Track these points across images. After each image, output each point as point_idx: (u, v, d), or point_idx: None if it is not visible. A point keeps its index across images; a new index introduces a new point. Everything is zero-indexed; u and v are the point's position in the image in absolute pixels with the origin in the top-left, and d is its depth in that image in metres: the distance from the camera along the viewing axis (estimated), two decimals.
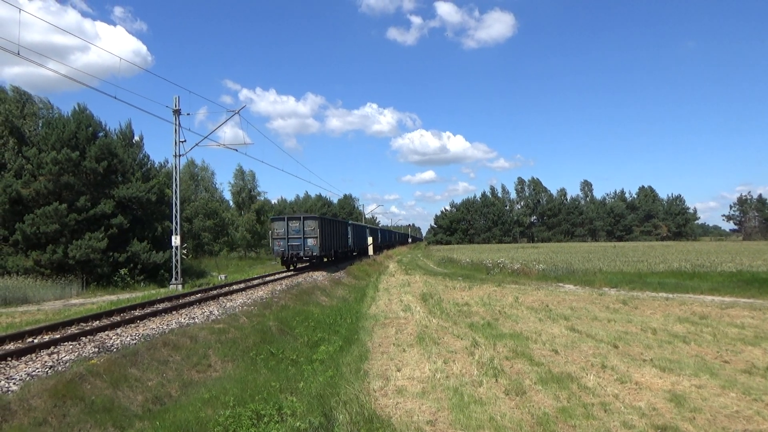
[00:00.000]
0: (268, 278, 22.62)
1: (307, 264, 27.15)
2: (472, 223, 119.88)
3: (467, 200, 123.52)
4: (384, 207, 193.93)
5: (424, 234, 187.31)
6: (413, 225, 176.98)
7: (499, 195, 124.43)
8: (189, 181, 49.66)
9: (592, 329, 10.95)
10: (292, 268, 26.89)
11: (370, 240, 43.28)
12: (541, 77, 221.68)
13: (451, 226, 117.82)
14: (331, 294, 19.57)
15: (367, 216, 79.13)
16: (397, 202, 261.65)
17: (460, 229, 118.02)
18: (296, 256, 25.18)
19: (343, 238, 33.24)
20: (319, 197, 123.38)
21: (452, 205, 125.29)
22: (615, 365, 7.95)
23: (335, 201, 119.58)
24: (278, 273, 25.39)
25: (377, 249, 49.15)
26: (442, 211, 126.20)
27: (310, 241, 25.03)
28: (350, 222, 39.39)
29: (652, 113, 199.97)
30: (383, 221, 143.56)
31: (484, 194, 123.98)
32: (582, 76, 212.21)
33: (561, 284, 21.49)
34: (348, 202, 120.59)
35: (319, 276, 23.55)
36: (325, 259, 28.53)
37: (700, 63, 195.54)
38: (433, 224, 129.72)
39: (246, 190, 52.62)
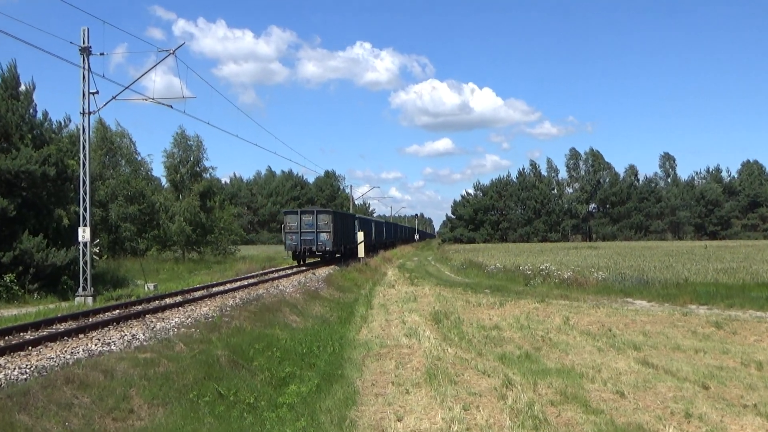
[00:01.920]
0: (215, 288, 22.68)
1: (318, 259, 34.95)
2: (506, 212, 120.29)
3: (498, 181, 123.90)
4: (381, 189, 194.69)
5: (436, 228, 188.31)
6: (421, 215, 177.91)
7: (544, 174, 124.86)
8: (101, 150, 49.31)
9: (672, 363, 11.01)
10: (302, 263, 34.66)
11: (360, 236, 43.60)
12: (604, 10, 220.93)
13: (476, 217, 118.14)
14: (305, 312, 19.64)
15: (357, 202, 79.34)
16: (398, 183, 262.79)
17: (489, 221, 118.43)
18: (309, 250, 33.20)
19: (351, 233, 41.47)
20: (289, 175, 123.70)
21: (477, 187, 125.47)
22: (704, 413, 8.00)
23: (311, 180, 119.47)
24: (230, 282, 25.54)
25: (370, 249, 49.45)
26: (462, 196, 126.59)
27: (324, 236, 32.70)
28: (357, 216, 49.28)
29: (759, 61, 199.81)
30: (379, 210, 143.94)
31: (522, 172, 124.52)
32: (661, 8, 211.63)
33: (629, 299, 21.69)
34: (329, 182, 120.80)
35: (289, 287, 23.96)
36: (337, 255, 36.02)
37: None
38: (449, 214, 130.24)
39: (189, 163, 51.23)
